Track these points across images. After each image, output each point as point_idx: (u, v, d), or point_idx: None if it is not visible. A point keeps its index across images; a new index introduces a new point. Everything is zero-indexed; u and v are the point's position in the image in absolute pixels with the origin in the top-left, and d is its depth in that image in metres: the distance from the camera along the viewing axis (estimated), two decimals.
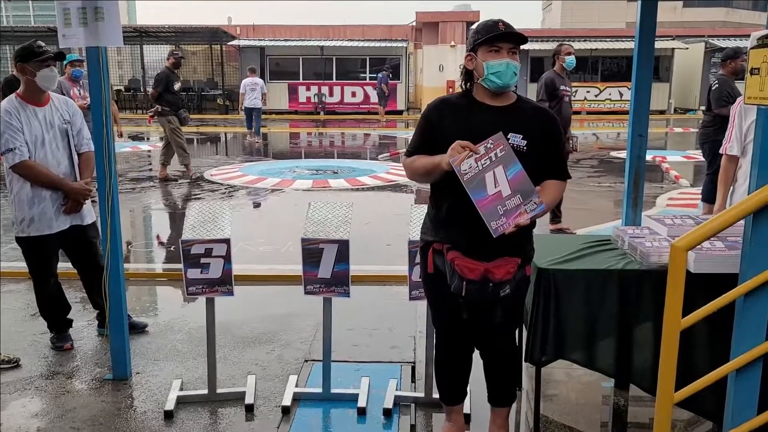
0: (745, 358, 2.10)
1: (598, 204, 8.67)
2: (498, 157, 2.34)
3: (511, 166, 2.34)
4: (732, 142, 3.65)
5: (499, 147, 2.34)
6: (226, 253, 3.18)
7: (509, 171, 2.34)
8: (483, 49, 2.47)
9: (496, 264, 2.45)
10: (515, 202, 2.34)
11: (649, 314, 2.70)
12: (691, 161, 12.42)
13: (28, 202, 3.75)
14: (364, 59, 26.02)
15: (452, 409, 2.92)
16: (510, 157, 2.34)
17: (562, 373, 3.60)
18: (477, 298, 2.51)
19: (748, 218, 2.09)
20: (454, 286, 2.51)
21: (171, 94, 10.04)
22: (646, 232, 3.08)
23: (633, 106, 3.52)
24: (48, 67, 3.78)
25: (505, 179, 2.34)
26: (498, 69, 2.43)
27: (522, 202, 2.34)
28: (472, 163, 2.32)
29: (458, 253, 2.49)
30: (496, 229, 2.34)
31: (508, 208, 2.34)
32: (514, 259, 2.48)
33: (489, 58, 2.45)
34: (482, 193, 2.34)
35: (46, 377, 3.66)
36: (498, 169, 2.33)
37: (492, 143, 2.34)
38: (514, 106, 2.54)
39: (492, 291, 2.48)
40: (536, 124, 2.50)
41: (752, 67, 2.11)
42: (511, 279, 2.48)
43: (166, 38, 27.30)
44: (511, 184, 2.34)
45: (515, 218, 2.33)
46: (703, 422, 3.08)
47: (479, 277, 2.45)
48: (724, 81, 6.49)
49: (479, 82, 2.51)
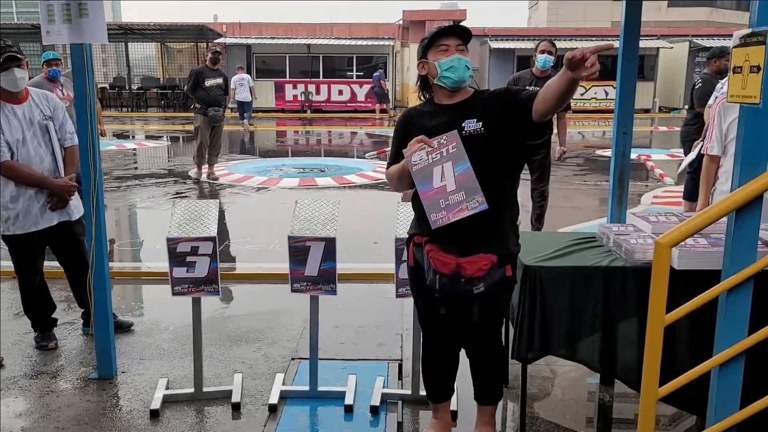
0: (727, 354, 2.12)
1: (584, 202, 8.73)
2: (449, 153, 2.41)
3: (460, 164, 2.39)
4: (712, 142, 3.69)
5: (451, 144, 2.40)
6: (213, 252, 3.17)
7: (457, 168, 2.40)
8: (432, 50, 2.54)
9: (469, 260, 2.46)
10: (458, 198, 2.40)
11: (634, 311, 2.72)
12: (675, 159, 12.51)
13: (12, 200, 3.70)
14: (350, 57, 25.98)
15: (439, 407, 2.93)
16: (460, 156, 2.39)
17: (548, 370, 3.63)
18: (450, 293, 2.54)
19: (731, 215, 2.11)
20: (429, 280, 2.57)
21: (203, 91, 9.60)
22: (631, 229, 3.10)
23: (618, 104, 3.54)
24: (7, 69, 3.61)
25: (452, 175, 2.40)
26: (450, 64, 2.49)
27: (465, 199, 2.39)
28: (423, 156, 2.42)
29: (435, 247, 2.53)
30: (435, 221, 2.42)
31: (451, 203, 2.40)
32: (489, 257, 2.48)
33: (439, 57, 2.51)
34: (428, 185, 2.43)
35: (30, 377, 3.63)
36: (447, 164, 2.40)
37: (446, 139, 2.41)
38: (469, 99, 2.57)
39: (464, 287, 2.49)
40: (490, 106, 2.50)
41: (735, 65, 2.13)
42: (484, 276, 2.49)
43: (151, 36, 27.10)
44: (457, 181, 2.39)
45: (455, 213, 2.39)
46: (687, 417, 3.12)
47: (451, 271, 2.49)
48: (708, 80, 6.55)
49: (435, 83, 2.55)
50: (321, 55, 25.75)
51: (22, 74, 3.70)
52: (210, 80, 9.65)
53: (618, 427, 3.17)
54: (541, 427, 3.09)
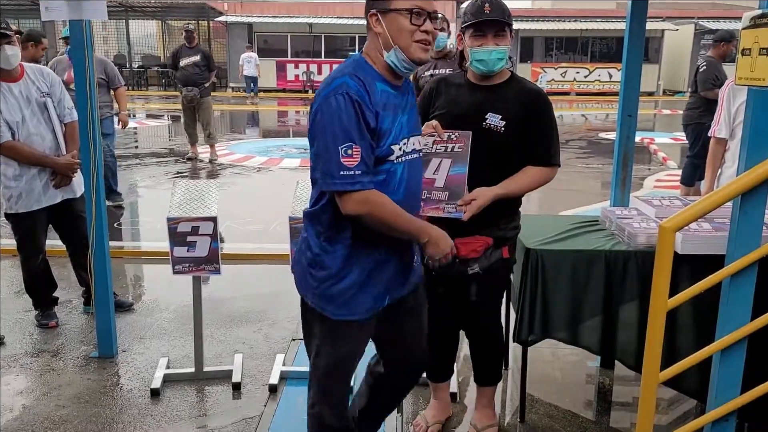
0: (730, 339, 2.11)
1: (586, 185, 8.70)
2: (453, 151, 2.37)
3: (458, 165, 2.36)
4: (720, 125, 3.65)
5: (459, 143, 2.36)
6: (213, 232, 3.16)
7: (454, 168, 2.36)
8: (468, 33, 2.46)
9: (463, 240, 2.44)
10: (440, 197, 2.36)
11: (636, 294, 2.71)
12: (678, 143, 12.46)
13: (15, 178, 3.68)
14: (353, 37, 25.77)
15: (438, 387, 2.94)
16: (462, 157, 2.36)
17: (548, 353, 3.63)
18: (445, 273, 2.52)
19: (736, 199, 2.09)
20: (425, 259, 2.54)
21: (179, 71, 9.58)
22: (634, 213, 3.08)
23: (623, 86, 3.50)
24: (9, 45, 3.58)
25: (446, 173, 2.36)
26: (481, 57, 2.43)
27: (445, 200, 2.36)
28: (429, 142, 2.37)
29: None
30: None
31: (432, 198, 2.37)
32: (484, 239, 2.48)
33: (474, 45, 2.44)
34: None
35: (31, 355, 3.63)
36: (446, 161, 2.37)
37: (456, 136, 2.37)
38: (502, 85, 2.52)
39: (458, 268, 2.49)
40: (520, 106, 2.46)
41: (743, 47, 2.09)
42: (480, 257, 2.48)
43: (152, 13, 26.89)
44: (448, 181, 2.36)
45: (430, 209, 2.36)
46: (687, 401, 3.12)
47: None
48: (713, 64, 6.45)
49: (467, 65, 2.52)
50: (323, 34, 25.56)
51: (14, 51, 3.63)
52: (184, 59, 9.54)
53: (617, 409, 3.18)
54: (541, 410, 3.10)
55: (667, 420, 3.05)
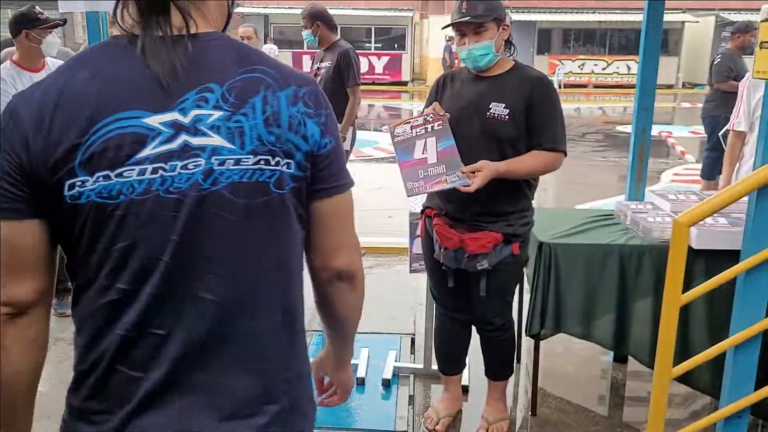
0: (744, 335, 2.10)
1: (602, 178, 8.63)
2: (434, 130, 2.40)
3: (444, 140, 2.39)
4: (740, 118, 3.61)
5: (437, 122, 2.40)
6: None
7: (441, 143, 2.39)
8: (454, 33, 2.50)
9: (473, 236, 2.46)
10: (438, 170, 2.38)
11: (650, 289, 2.70)
12: (697, 137, 12.30)
13: None
14: (369, 29, 25.72)
15: (449, 379, 2.94)
16: (445, 133, 2.39)
17: (560, 347, 3.62)
18: (454, 267, 2.56)
19: (752, 195, 2.06)
20: (436, 253, 2.60)
21: None
22: (649, 207, 3.05)
23: (640, 79, 3.46)
24: (52, 33, 3.72)
25: (435, 149, 2.39)
26: (464, 56, 2.47)
27: (445, 172, 2.38)
28: (407, 129, 2.43)
29: (442, 221, 2.55)
30: (411, 189, 2.42)
31: (430, 174, 2.39)
32: (494, 234, 2.47)
33: (459, 44, 2.48)
34: (408, 156, 2.43)
35: None
36: (430, 139, 2.40)
37: (432, 116, 2.41)
38: (505, 75, 2.52)
39: (467, 262, 2.50)
40: (521, 93, 2.45)
41: (762, 40, 2.06)
42: (489, 253, 2.48)
43: None
44: (439, 155, 2.39)
45: (433, 185, 2.38)
46: (700, 397, 3.10)
47: (455, 246, 2.50)
48: (728, 55, 6.36)
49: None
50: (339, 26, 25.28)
51: (55, 39, 3.77)
52: None
53: (630, 405, 3.17)
54: (553, 404, 3.09)
55: (679, 416, 3.03)
